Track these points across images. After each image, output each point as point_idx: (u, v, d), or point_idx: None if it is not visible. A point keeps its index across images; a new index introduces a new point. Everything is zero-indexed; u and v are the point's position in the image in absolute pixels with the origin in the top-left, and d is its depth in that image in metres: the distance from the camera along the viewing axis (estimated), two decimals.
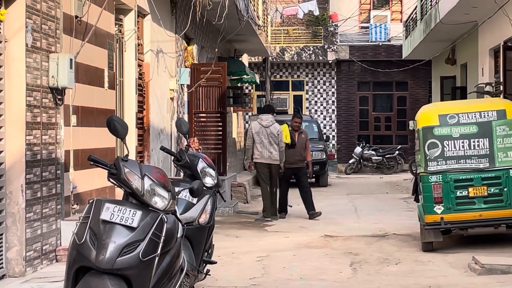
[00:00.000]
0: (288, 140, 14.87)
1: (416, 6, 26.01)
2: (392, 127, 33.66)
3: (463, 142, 10.77)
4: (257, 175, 15.79)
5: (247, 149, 15.29)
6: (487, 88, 16.70)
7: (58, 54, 8.52)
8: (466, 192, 10.67)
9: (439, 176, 10.71)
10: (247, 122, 30.03)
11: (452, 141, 10.76)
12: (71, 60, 8.54)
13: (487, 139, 10.73)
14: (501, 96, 14.78)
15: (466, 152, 10.74)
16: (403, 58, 30.26)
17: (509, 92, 14.96)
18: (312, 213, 14.70)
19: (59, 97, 8.64)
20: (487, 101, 12.74)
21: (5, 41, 7.70)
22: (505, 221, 10.79)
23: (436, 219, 10.69)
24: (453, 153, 10.74)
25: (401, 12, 33.90)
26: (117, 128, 5.57)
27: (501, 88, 15.37)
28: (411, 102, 32.92)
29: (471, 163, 10.71)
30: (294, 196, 15.71)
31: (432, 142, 10.81)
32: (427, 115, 11.09)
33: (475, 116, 10.83)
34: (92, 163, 5.51)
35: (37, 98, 8.11)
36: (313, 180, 23.74)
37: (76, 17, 9.22)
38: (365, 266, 9.83)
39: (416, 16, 26.04)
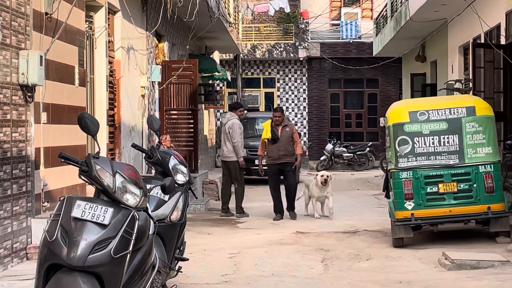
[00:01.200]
0: (268, 136, 14.49)
1: (386, 4, 26.14)
2: (363, 124, 33.82)
3: (433, 139, 10.84)
4: None
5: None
6: (457, 85, 16.84)
7: (28, 51, 8.47)
8: (436, 188, 10.74)
9: (409, 173, 10.78)
10: (218, 119, 30.03)
11: (422, 138, 10.83)
12: (41, 57, 8.49)
13: (457, 135, 10.81)
14: (471, 93, 14.88)
15: (436, 149, 10.82)
16: (373, 55, 30.42)
17: (478, 89, 15.08)
18: (291, 213, 14.44)
19: (29, 94, 8.59)
20: (457, 98, 12.85)
21: None
22: (475, 216, 10.88)
23: (406, 215, 10.75)
24: (423, 149, 10.81)
25: (371, 10, 34.04)
26: (88, 125, 5.55)
27: (471, 85, 15.48)
28: (382, 99, 33.10)
29: (441, 159, 10.79)
30: (262, 193, 15.72)
31: (402, 138, 10.88)
32: (398, 112, 11.15)
33: (445, 113, 10.91)
34: (63, 160, 5.49)
35: (6, 95, 8.06)
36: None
37: (46, 14, 9.17)
38: (336, 262, 9.86)
39: (386, 14, 26.17)
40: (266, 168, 14.81)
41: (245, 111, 15.79)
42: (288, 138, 14.50)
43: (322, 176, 14.54)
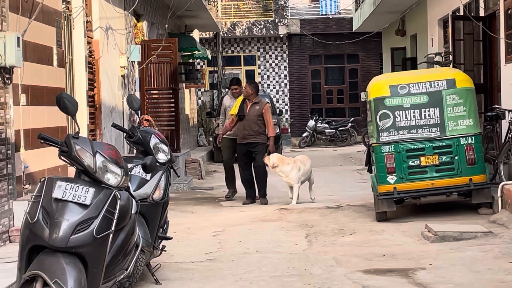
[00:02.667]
0: (234, 112, 13.40)
1: None
2: (345, 100, 33.86)
3: (414, 112, 10.86)
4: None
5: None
6: (437, 58, 16.87)
7: (5, 32, 8.40)
8: (418, 161, 10.77)
9: (391, 147, 10.80)
10: (199, 98, 29.98)
11: (403, 111, 10.84)
12: (18, 38, 8.42)
13: (438, 108, 10.83)
14: (451, 65, 14.91)
15: (417, 122, 10.83)
16: (353, 30, 30.38)
17: (458, 62, 15.11)
18: (261, 199, 13.41)
19: (7, 76, 8.53)
20: (437, 71, 12.86)
21: None
22: (457, 189, 10.94)
23: (389, 189, 10.79)
24: (404, 123, 10.83)
25: None
26: (67, 105, 5.53)
27: (450, 58, 15.51)
28: (363, 74, 33.13)
29: (422, 132, 10.81)
30: None
31: (383, 113, 10.89)
32: (378, 86, 11.16)
33: (425, 86, 10.91)
34: (42, 141, 5.48)
35: None
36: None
37: None
38: (320, 237, 9.89)
39: None
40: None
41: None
42: (255, 116, 13.29)
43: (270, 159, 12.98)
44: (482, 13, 14.51)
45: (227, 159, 14.08)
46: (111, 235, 5.35)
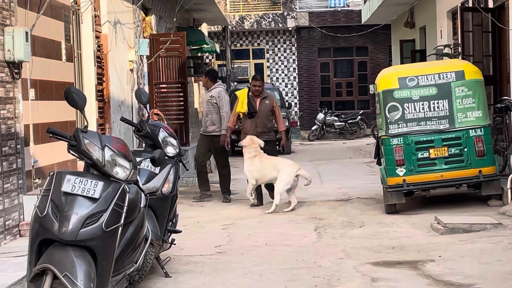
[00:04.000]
0: (245, 109, 12.33)
1: None
2: (354, 93, 33.83)
3: (423, 104, 10.86)
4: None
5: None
6: (446, 50, 16.84)
7: (14, 27, 8.42)
8: (427, 153, 10.77)
9: (400, 139, 10.80)
10: None
11: (412, 104, 10.84)
12: (26, 33, 8.45)
13: (447, 100, 10.82)
14: (460, 57, 14.89)
15: (426, 114, 10.83)
16: (362, 23, 30.37)
17: (467, 54, 15.08)
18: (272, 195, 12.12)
19: (16, 71, 8.56)
20: (446, 62, 12.84)
21: None
22: (466, 181, 10.94)
23: (398, 181, 10.79)
24: (413, 115, 10.83)
25: None
26: (75, 99, 5.55)
27: (459, 49, 15.49)
28: (372, 67, 33.07)
29: (432, 124, 10.81)
30: None
31: (392, 105, 10.89)
32: (387, 78, 11.15)
33: (434, 78, 10.91)
34: (51, 135, 5.49)
35: None
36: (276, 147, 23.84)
37: None
38: (329, 230, 9.90)
39: None
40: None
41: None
42: (267, 112, 12.44)
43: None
44: (491, 4, 14.47)
45: (199, 156, 13.06)
46: (120, 228, 5.37)
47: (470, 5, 15.73)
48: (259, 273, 7.51)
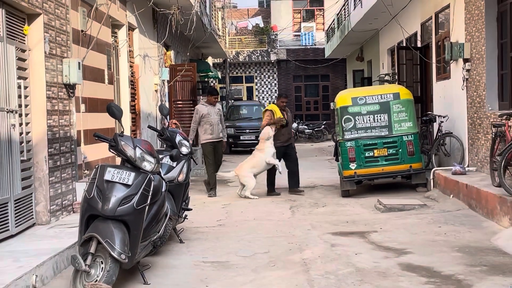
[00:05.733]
0: (284, 121, 11.52)
1: (334, 19, 26.09)
2: (319, 108, 33.83)
3: (369, 117, 10.87)
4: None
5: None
6: (386, 78, 16.89)
7: (69, 59, 8.39)
8: (372, 153, 10.79)
9: (352, 142, 10.81)
10: None
11: (361, 116, 10.85)
12: (79, 63, 8.42)
13: (386, 114, 10.84)
14: (396, 83, 14.92)
15: (372, 124, 10.85)
16: (325, 57, 30.40)
17: (402, 80, 15.13)
18: (296, 189, 11.61)
19: (71, 91, 8.52)
20: (386, 86, 12.87)
21: (29, 50, 7.57)
22: (400, 173, 10.96)
23: (351, 173, 10.80)
24: (362, 125, 10.84)
25: (323, 23, 33.96)
26: (115, 112, 5.56)
27: (396, 77, 15.53)
28: (332, 89, 33.08)
29: (375, 132, 10.83)
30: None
31: (347, 117, 10.90)
32: (343, 98, 11.16)
33: (377, 98, 10.93)
34: (96, 138, 5.50)
35: (54, 92, 7.99)
36: None
37: (82, 31, 9.08)
38: (300, 209, 9.90)
39: (334, 26, 26.12)
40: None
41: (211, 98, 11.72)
42: (291, 122, 12.11)
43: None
44: (419, 44, 14.52)
45: (213, 162, 11.69)
46: (147, 207, 5.38)
47: (404, 44, 15.78)
48: (249, 240, 7.51)
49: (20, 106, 7.24)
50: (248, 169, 11.39)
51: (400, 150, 10.75)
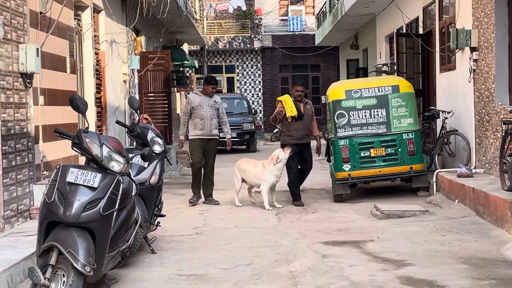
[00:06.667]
0: (294, 113, 10.95)
1: (326, 1, 26.14)
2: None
3: (365, 112, 10.92)
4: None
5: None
6: (384, 68, 16.96)
7: (26, 44, 8.33)
8: (368, 152, 10.83)
9: (346, 140, 10.85)
10: None
11: (356, 112, 10.89)
12: (37, 49, 8.36)
13: (384, 109, 10.89)
14: (395, 74, 14.99)
15: (368, 120, 10.89)
16: (316, 45, 30.45)
17: (401, 71, 15.19)
18: (299, 202, 10.89)
19: (28, 81, 8.46)
20: (384, 78, 12.92)
21: None
22: (400, 175, 11.02)
23: (344, 175, 10.84)
24: (357, 121, 10.88)
25: (313, 7, 34.03)
26: (79, 105, 5.53)
27: (395, 67, 15.60)
28: (323, 81, 33.18)
29: (372, 129, 10.87)
30: (226, 160, 15.55)
31: (340, 112, 10.93)
32: (336, 90, 11.19)
33: (374, 91, 10.97)
34: (58, 135, 5.47)
35: (9, 82, 7.93)
36: (244, 147, 23.84)
37: (41, 13, 9.01)
38: (288, 215, 9.91)
39: (325, 10, 26.18)
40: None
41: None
42: (310, 116, 11.17)
43: (279, 158, 10.57)
44: (421, 31, 14.60)
45: (198, 160, 11.19)
46: (115, 212, 5.36)
47: (404, 31, 15.85)
48: (230, 250, 7.51)
49: None
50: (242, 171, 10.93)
51: (399, 150, 10.80)
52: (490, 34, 10.04)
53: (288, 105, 11.03)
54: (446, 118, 11.73)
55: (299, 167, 11.19)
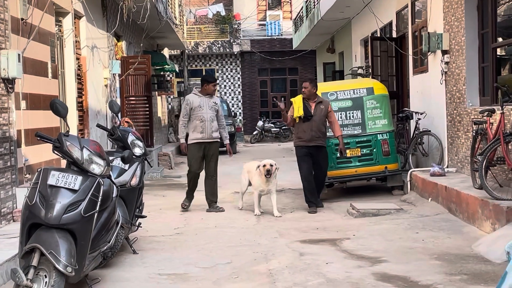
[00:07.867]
0: (301, 113, 10.14)
1: (302, 7, 26.22)
2: (287, 104, 33.84)
3: (341, 114, 10.97)
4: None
5: None
6: (359, 71, 17.04)
7: (8, 50, 8.28)
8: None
9: None
10: (169, 104, 29.80)
11: None
12: (19, 55, 8.31)
13: (360, 111, 10.95)
14: (370, 76, 15.07)
15: (344, 122, 10.94)
16: (293, 48, 30.52)
17: (376, 74, 15.29)
18: (312, 208, 10.05)
19: (10, 86, 8.41)
20: (359, 80, 13.00)
21: None
22: (375, 175, 11.09)
23: None
24: None
25: (290, 12, 34.11)
26: (59, 109, 5.51)
27: (370, 70, 15.69)
28: (301, 84, 33.06)
29: (348, 130, 10.92)
30: None
31: None
32: None
33: (350, 93, 11.03)
34: (39, 138, 5.44)
35: None
36: (224, 148, 23.77)
37: (22, 19, 8.96)
38: (266, 215, 9.91)
39: (302, 15, 26.26)
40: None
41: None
42: (322, 117, 10.18)
43: (264, 166, 10.01)
44: (394, 34, 14.70)
45: (196, 168, 10.40)
46: (96, 214, 5.34)
47: (378, 35, 15.95)
48: (210, 249, 7.51)
49: None
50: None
51: (374, 150, 10.86)
52: (461, 37, 10.14)
53: (296, 105, 10.31)
54: (419, 119, 11.82)
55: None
